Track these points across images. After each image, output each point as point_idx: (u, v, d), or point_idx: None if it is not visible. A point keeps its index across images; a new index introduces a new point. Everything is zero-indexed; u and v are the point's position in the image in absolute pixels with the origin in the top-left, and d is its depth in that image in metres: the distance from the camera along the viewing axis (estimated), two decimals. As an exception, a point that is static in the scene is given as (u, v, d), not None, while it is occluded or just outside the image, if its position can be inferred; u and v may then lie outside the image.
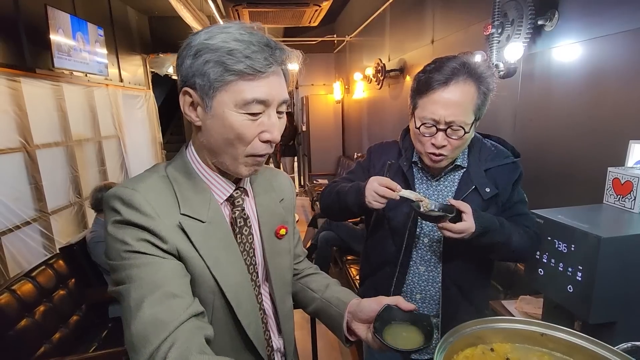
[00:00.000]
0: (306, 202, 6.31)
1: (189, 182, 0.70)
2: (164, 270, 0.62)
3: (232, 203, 0.75)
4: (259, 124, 0.65)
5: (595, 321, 0.89)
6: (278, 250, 0.81)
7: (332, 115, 6.53)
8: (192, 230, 0.66)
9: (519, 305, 1.39)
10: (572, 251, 0.93)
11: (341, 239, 3.12)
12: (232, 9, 2.19)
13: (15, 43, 3.17)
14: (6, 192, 2.92)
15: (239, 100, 0.63)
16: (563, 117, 1.62)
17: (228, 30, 0.63)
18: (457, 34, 2.48)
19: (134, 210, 0.62)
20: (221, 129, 0.65)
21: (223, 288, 0.67)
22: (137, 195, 0.63)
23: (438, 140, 0.98)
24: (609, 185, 1.08)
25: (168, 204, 0.66)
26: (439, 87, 0.96)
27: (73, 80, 3.86)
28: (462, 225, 0.94)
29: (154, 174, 0.70)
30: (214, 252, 0.68)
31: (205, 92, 0.63)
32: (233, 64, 0.61)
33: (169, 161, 0.74)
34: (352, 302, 0.82)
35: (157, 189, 0.67)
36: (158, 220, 0.63)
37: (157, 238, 0.63)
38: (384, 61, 3.91)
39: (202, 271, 0.66)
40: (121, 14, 5.19)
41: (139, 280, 0.60)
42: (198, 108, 0.66)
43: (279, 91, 0.66)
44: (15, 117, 3.05)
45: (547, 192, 1.72)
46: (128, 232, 0.62)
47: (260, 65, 0.62)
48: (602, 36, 1.41)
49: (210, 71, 0.62)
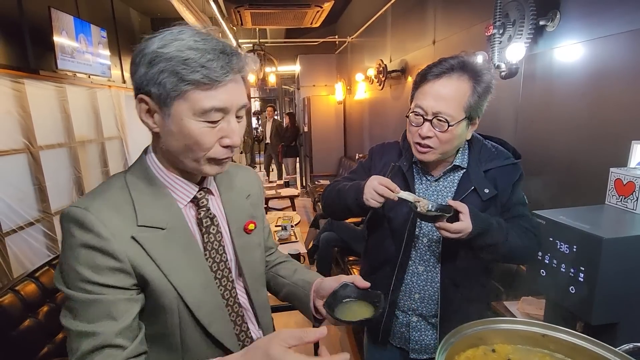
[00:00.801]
0: (308, 202, 6.32)
1: (149, 188, 0.70)
2: (109, 309, 0.62)
3: (196, 204, 0.75)
4: (218, 130, 0.66)
5: (598, 322, 0.89)
6: (248, 245, 0.83)
7: (333, 116, 6.54)
8: (148, 242, 0.66)
9: (520, 306, 1.39)
10: (574, 252, 0.93)
11: (342, 239, 3.13)
12: (234, 10, 2.20)
13: (19, 45, 3.20)
14: (10, 193, 2.94)
15: (197, 109, 0.63)
16: (565, 117, 1.62)
17: (182, 37, 0.62)
18: (458, 35, 2.48)
19: (87, 231, 0.62)
20: (180, 136, 0.65)
21: (181, 293, 0.68)
22: (89, 216, 0.62)
23: (424, 130, 1.01)
24: (611, 186, 1.08)
25: (124, 219, 0.66)
26: (432, 78, 0.99)
27: (76, 82, 3.88)
28: (459, 225, 0.95)
29: (112, 186, 0.70)
30: (173, 258, 0.69)
31: (162, 101, 0.63)
32: (188, 74, 0.61)
33: (129, 167, 0.74)
34: (316, 282, 0.86)
35: (113, 204, 0.66)
36: (112, 240, 0.63)
37: (110, 258, 0.63)
38: (385, 62, 3.92)
39: (160, 280, 0.67)
40: (124, 16, 5.22)
41: (82, 322, 0.61)
42: (155, 115, 0.66)
43: (237, 97, 0.67)
44: (19, 119, 3.07)
45: (548, 193, 1.71)
46: (81, 257, 0.62)
47: (217, 74, 0.62)
48: (604, 36, 1.41)
49: (165, 81, 0.61)
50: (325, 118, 6.52)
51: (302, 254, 2.36)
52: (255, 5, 2.11)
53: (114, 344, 0.62)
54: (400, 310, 1.17)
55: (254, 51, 5.62)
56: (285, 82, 10.14)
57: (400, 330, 1.18)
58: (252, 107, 12.40)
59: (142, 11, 5.73)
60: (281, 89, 11.03)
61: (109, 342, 0.61)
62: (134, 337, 0.65)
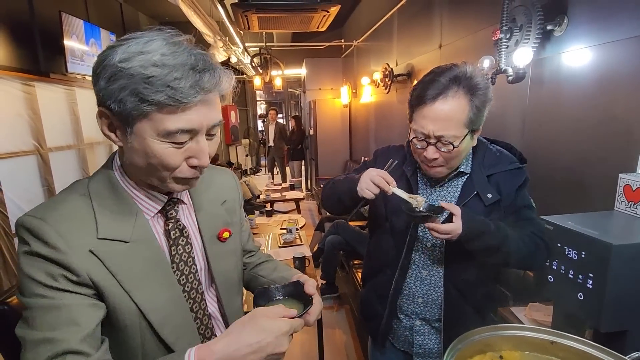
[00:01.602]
0: (313, 205, 6.32)
1: (112, 198, 0.66)
2: (70, 314, 0.58)
3: (165, 215, 0.71)
4: (185, 150, 0.61)
5: (607, 330, 0.88)
6: (222, 254, 0.80)
7: (339, 119, 6.55)
8: (108, 256, 0.62)
9: (528, 312, 1.38)
10: (583, 258, 0.92)
11: (348, 242, 3.12)
12: (242, 14, 2.22)
13: (30, 48, 3.25)
14: (20, 194, 2.98)
15: (160, 130, 0.58)
16: (573, 122, 1.61)
17: (148, 50, 0.56)
18: (465, 39, 2.47)
19: (42, 243, 0.58)
20: (143, 154, 0.60)
21: (144, 311, 0.64)
22: (45, 227, 0.59)
23: (429, 153, 1.00)
24: (620, 192, 1.07)
25: (83, 231, 0.61)
26: (428, 101, 0.97)
27: (86, 85, 3.94)
28: (448, 227, 0.96)
29: (73, 194, 0.65)
30: (136, 273, 0.64)
31: (124, 119, 0.58)
32: (151, 94, 0.55)
33: (93, 174, 0.69)
34: (294, 278, 0.83)
35: (71, 215, 0.62)
36: (69, 253, 0.59)
37: (67, 271, 0.59)
38: (391, 66, 3.92)
39: (121, 298, 0.62)
40: (133, 20, 5.29)
41: (40, 330, 0.56)
42: (117, 131, 0.62)
43: (208, 118, 0.61)
44: (29, 121, 3.12)
45: (556, 198, 1.70)
46: (37, 265, 0.58)
47: (183, 95, 0.56)
48: (612, 41, 1.40)
49: (126, 99, 0.56)
50: (330, 121, 6.53)
51: (307, 257, 2.37)
52: (262, 9, 2.13)
53: (78, 350, 0.56)
54: (403, 314, 1.17)
55: (261, 55, 5.66)
56: (291, 85, 10.18)
57: (404, 333, 1.18)
58: (258, 110, 12.46)
59: (150, 15, 5.81)
60: (287, 92, 11.08)
61: (72, 349, 0.56)
62: (98, 345, 0.60)
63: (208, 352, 0.55)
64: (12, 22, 3.05)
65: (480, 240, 0.97)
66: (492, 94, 1.00)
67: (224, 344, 0.56)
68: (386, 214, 1.16)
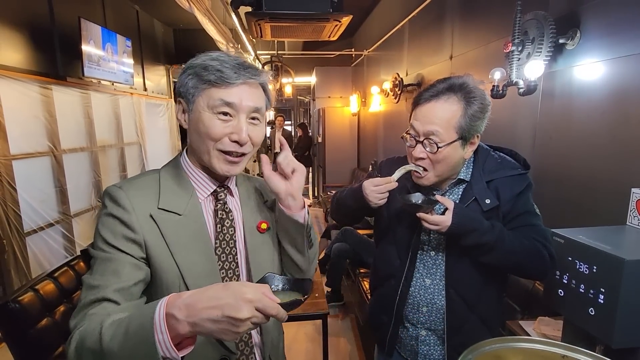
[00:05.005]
0: (320, 213, 6.32)
1: (175, 179, 0.82)
2: (116, 267, 0.71)
3: (215, 197, 0.85)
4: (228, 125, 0.77)
5: (618, 346, 0.87)
6: (260, 244, 0.88)
7: (347, 127, 6.58)
8: (163, 223, 0.76)
9: (537, 326, 1.36)
10: (594, 273, 0.92)
11: (354, 250, 3.11)
12: (255, 23, 2.26)
13: (49, 52, 3.34)
14: (34, 194, 3.04)
15: (209, 102, 0.76)
16: (585, 135, 1.60)
17: (211, 54, 0.78)
18: (476, 51, 2.49)
19: (116, 204, 0.74)
20: (197, 126, 0.77)
21: (183, 273, 0.75)
22: (120, 192, 0.75)
23: (417, 151, 1.05)
24: (633, 207, 1.06)
25: (148, 199, 0.77)
26: (422, 102, 1.05)
27: (100, 89, 4.02)
28: (437, 218, 0.99)
29: (149, 174, 0.83)
30: (183, 241, 0.77)
31: (188, 98, 0.78)
32: (206, 75, 0.75)
33: (167, 163, 0.87)
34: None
35: (142, 187, 0.79)
36: (132, 213, 0.74)
37: (128, 229, 0.73)
38: (401, 75, 3.94)
39: (167, 258, 0.75)
40: (148, 26, 5.41)
41: (93, 276, 0.71)
42: (186, 113, 0.80)
43: (247, 98, 0.77)
44: (45, 123, 3.19)
45: (567, 212, 1.68)
46: (107, 224, 0.74)
47: (228, 77, 0.75)
48: (625, 56, 1.40)
49: (189, 82, 0.77)
50: (339, 129, 6.56)
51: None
52: (275, 19, 2.17)
53: (111, 298, 0.69)
54: (409, 323, 1.17)
55: (272, 62, 5.73)
56: (301, 92, 10.26)
57: (410, 342, 1.18)
58: (267, 116, 12.55)
59: (165, 22, 5.93)
60: (296, 99, 11.17)
61: (107, 296, 0.68)
62: (131, 299, 0.71)
63: (176, 297, 0.60)
64: (33, 27, 3.14)
65: (471, 237, 0.99)
66: (490, 107, 1.04)
67: (192, 293, 0.60)
68: (390, 224, 1.18)
